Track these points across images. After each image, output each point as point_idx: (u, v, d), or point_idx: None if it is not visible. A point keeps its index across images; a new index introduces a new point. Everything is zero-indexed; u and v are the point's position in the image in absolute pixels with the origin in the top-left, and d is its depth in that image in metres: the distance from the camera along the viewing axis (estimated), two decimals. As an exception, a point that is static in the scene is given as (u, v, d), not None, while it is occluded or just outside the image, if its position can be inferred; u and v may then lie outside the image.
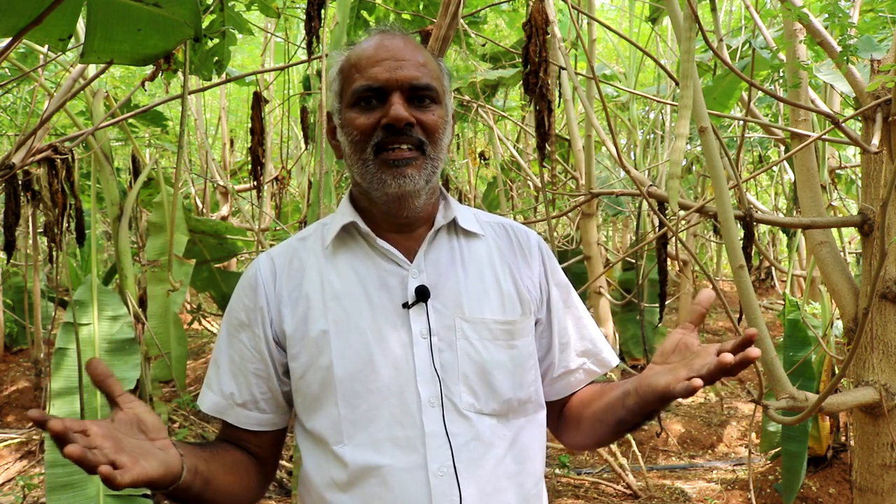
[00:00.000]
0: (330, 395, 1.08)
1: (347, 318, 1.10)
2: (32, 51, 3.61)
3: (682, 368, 0.96)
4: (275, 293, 1.14)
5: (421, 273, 1.12)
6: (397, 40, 1.12)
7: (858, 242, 3.25)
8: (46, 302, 6.84)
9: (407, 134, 1.07)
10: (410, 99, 1.09)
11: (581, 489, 4.14)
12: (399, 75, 1.08)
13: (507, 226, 1.24)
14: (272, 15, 2.97)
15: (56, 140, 2.59)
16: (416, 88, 1.08)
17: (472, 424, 1.08)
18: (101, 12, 1.24)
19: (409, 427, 1.06)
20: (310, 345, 1.10)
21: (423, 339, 1.09)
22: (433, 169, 1.11)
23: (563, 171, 5.19)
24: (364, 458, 1.06)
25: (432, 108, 1.10)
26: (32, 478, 4.02)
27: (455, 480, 1.04)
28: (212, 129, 8.00)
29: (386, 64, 1.08)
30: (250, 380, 1.14)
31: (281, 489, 4.01)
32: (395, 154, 1.07)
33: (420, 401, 1.06)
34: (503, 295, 1.14)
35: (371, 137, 1.08)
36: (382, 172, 1.08)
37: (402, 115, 1.06)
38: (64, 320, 2.87)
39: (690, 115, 1.50)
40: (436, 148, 1.11)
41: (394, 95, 1.07)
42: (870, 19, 2.49)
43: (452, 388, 1.08)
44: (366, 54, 1.11)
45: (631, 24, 5.64)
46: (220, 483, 1.06)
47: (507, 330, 1.12)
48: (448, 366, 1.08)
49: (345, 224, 1.15)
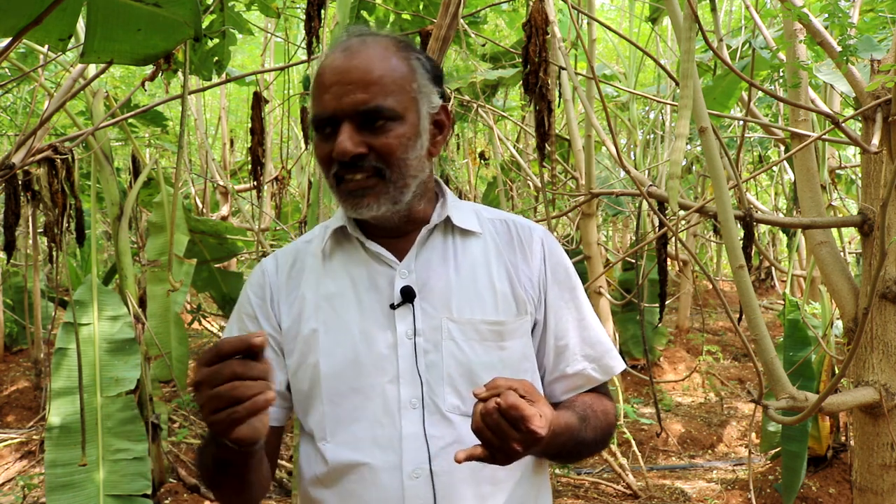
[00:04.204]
0: (317, 392, 1.10)
1: (337, 317, 1.11)
2: (32, 51, 3.61)
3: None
4: (278, 291, 1.17)
5: (410, 273, 1.11)
6: (353, 58, 1.05)
7: (858, 242, 3.25)
8: (46, 302, 6.83)
9: (359, 165, 1.04)
10: (364, 123, 1.04)
11: (581, 489, 4.14)
12: (344, 103, 1.03)
13: (509, 221, 1.21)
14: (272, 15, 2.97)
15: (56, 140, 2.59)
16: (365, 113, 1.04)
17: (454, 427, 1.07)
18: (101, 12, 1.24)
19: (388, 427, 1.06)
20: (301, 343, 1.12)
21: (408, 340, 1.08)
22: (399, 190, 1.07)
23: (563, 171, 5.18)
24: (344, 455, 1.07)
25: (389, 129, 1.04)
26: (32, 478, 4.02)
27: (430, 484, 1.04)
28: (212, 129, 7.99)
29: (333, 90, 1.04)
30: None
31: (281, 489, 4.00)
32: (351, 185, 1.06)
33: (400, 402, 1.06)
34: (497, 294, 1.12)
35: (330, 167, 1.07)
36: (344, 201, 1.08)
37: (346, 149, 1.02)
38: (64, 320, 2.87)
39: (690, 115, 1.49)
40: (397, 169, 1.06)
41: (342, 125, 1.04)
42: (870, 19, 2.49)
43: (436, 389, 1.07)
44: (321, 77, 1.07)
45: (631, 24, 5.63)
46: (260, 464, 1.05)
47: (497, 331, 1.10)
48: (433, 367, 1.08)
49: (337, 228, 1.16)
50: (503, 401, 0.88)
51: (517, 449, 0.90)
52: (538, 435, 0.90)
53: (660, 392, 6.06)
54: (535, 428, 0.89)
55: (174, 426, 4.77)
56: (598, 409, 1.16)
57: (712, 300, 10.71)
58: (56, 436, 2.65)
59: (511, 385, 0.91)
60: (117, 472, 2.68)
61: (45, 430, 2.72)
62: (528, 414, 0.88)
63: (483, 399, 0.90)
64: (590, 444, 1.13)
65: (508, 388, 0.90)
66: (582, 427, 1.10)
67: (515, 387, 0.91)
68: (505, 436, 0.89)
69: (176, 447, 4.23)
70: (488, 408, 0.88)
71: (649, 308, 6.10)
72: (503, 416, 0.88)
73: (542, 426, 0.90)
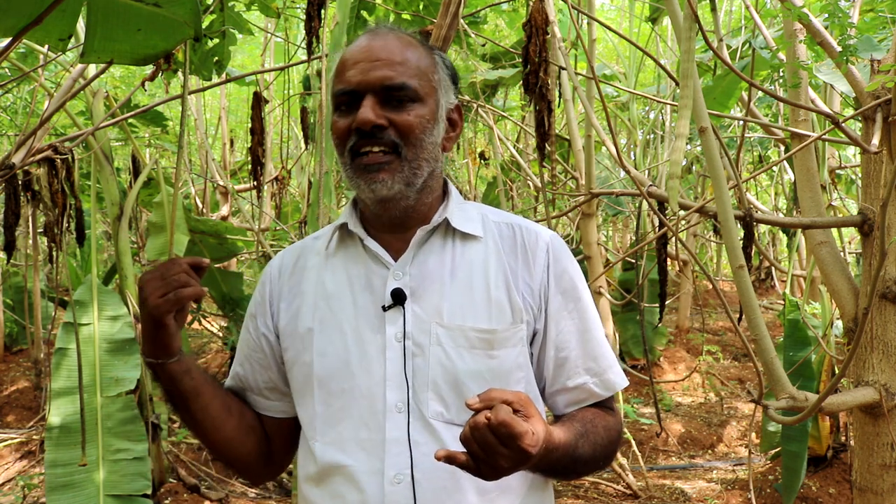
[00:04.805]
0: (309, 391, 1.11)
1: (332, 317, 1.11)
2: (32, 51, 3.61)
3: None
4: (278, 289, 1.19)
5: (404, 275, 1.10)
6: (379, 40, 1.09)
7: (858, 242, 3.25)
8: (46, 302, 6.83)
9: (378, 137, 1.05)
10: (386, 100, 1.06)
11: (581, 489, 4.14)
12: (370, 77, 1.06)
13: (515, 226, 1.16)
14: (272, 15, 2.97)
15: (56, 140, 2.59)
16: (390, 89, 1.06)
17: (436, 434, 1.05)
18: (100, 12, 1.24)
19: (373, 430, 1.06)
20: (297, 341, 1.13)
21: (396, 343, 1.07)
22: (413, 170, 1.08)
23: (563, 171, 5.18)
24: (330, 456, 1.08)
25: (409, 108, 1.07)
26: (32, 478, 4.02)
27: (411, 490, 1.03)
28: (212, 129, 7.99)
29: (360, 66, 1.07)
30: (255, 367, 1.20)
31: (281, 489, 4.01)
32: (367, 159, 1.06)
33: (386, 405, 1.06)
34: (491, 302, 1.09)
35: (346, 141, 1.07)
36: (358, 177, 1.08)
37: (368, 118, 1.04)
38: (64, 320, 2.87)
39: (690, 115, 1.49)
40: (414, 148, 1.07)
41: (365, 98, 1.06)
42: (870, 19, 2.49)
43: (421, 394, 1.06)
44: (346, 57, 1.10)
45: (631, 24, 5.63)
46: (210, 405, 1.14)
47: (487, 339, 1.07)
48: (419, 372, 1.06)
49: (340, 225, 1.16)
50: (493, 416, 0.85)
51: (504, 465, 0.88)
52: (528, 453, 0.87)
53: (660, 392, 6.06)
54: (524, 446, 0.86)
55: (174, 426, 4.77)
56: (599, 424, 1.12)
57: (712, 300, 10.71)
58: (56, 436, 2.65)
59: (505, 398, 0.88)
60: (117, 472, 2.68)
61: (45, 430, 2.72)
62: (518, 431, 0.85)
63: (476, 410, 0.88)
64: (588, 460, 1.08)
65: (503, 401, 0.88)
66: (579, 443, 1.05)
67: (510, 400, 0.88)
68: (492, 451, 0.86)
69: (176, 447, 4.23)
70: (477, 421, 0.86)
71: (649, 308, 6.10)
72: (492, 432, 0.86)
73: (533, 444, 0.88)
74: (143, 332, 1.09)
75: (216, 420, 1.15)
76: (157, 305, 1.02)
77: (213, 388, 1.16)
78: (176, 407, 1.15)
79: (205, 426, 1.15)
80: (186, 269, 1.04)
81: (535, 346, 1.14)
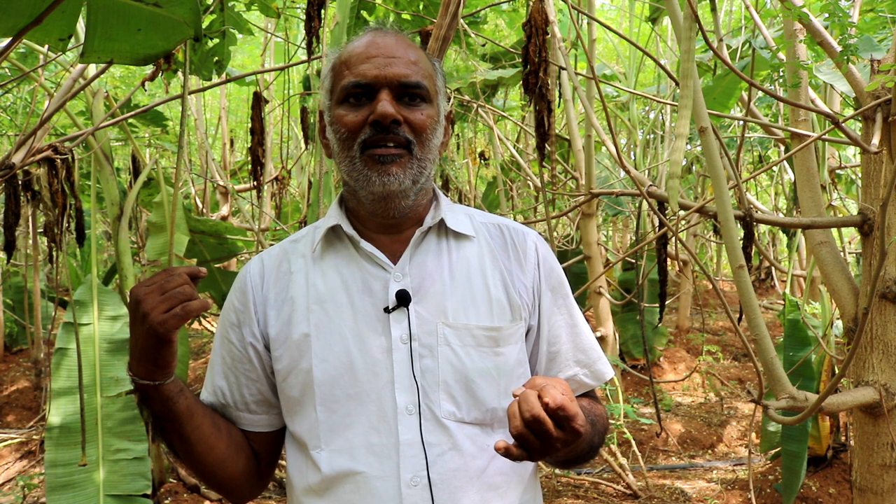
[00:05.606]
0: (309, 399, 1.08)
1: (329, 321, 1.08)
2: (32, 51, 3.61)
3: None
4: (262, 295, 1.14)
5: (405, 277, 1.10)
6: (389, 38, 1.11)
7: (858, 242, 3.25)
8: (46, 302, 6.84)
9: (394, 132, 1.06)
10: (400, 97, 1.07)
11: (581, 489, 4.14)
12: (388, 72, 1.06)
13: (502, 226, 1.19)
14: (272, 15, 2.97)
15: (56, 140, 2.59)
16: (406, 86, 1.07)
17: (450, 434, 1.05)
18: (100, 12, 1.24)
19: (384, 434, 1.04)
20: (292, 348, 1.09)
21: (403, 345, 1.06)
22: (420, 169, 1.09)
23: (563, 171, 5.19)
24: (340, 464, 1.05)
25: (422, 107, 1.08)
26: (32, 478, 4.02)
27: (429, 492, 1.02)
28: (212, 129, 8.00)
29: (376, 61, 1.07)
30: (241, 381, 1.15)
31: (280, 489, 4.01)
32: (381, 151, 1.06)
33: (396, 408, 1.05)
34: (491, 300, 1.11)
35: (358, 135, 1.07)
36: (368, 169, 1.06)
37: (389, 111, 1.04)
38: (64, 320, 2.87)
39: (690, 115, 1.50)
40: (423, 148, 1.08)
41: (382, 92, 1.06)
42: (870, 19, 2.49)
43: (432, 395, 1.05)
44: (356, 51, 1.10)
45: (631, 24, 5.63)
46: (203, 425, 1.09)
47: (493, 337, 1.09)
48: (429, 373, 1.06)
49: (330, 227, 1.14)
50: (551, 400, 0.86)
51: (557, 447, 0.89)
52: (579, 433, 0.89)
53: (660, 392, 6.06)
54: (577, 426, 0.88)
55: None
56: (595, 413, 1.15)
57: (712, 300, 10.72)
58: (56, 436, 2.65)
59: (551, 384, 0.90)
60: (117, 472, 2.68)
61: (45, 430, 2.72)
62: (573, 413, 0.87)
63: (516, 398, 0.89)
64: (596, 447, 1.13)
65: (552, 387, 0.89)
66: (592, 430, 1.09)
67: (556, 385, 0.90)
68: (548, 436, 0.87)
69: (176, 447, 4.22)
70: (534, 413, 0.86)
71: (649, 308, 6.11)
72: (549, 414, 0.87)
73: (583, 424, 0.90)
74: (138, 352, 1.00)
75: (209, 439, 1.10)
76: (162, 321, 0.96)
77: (201, 405, 1.11)
78: (165, 432, 1.07)
79: (198, 448, 1.09)
80: (188, 281, 0.99)
81: (529, 342, 1.17)
